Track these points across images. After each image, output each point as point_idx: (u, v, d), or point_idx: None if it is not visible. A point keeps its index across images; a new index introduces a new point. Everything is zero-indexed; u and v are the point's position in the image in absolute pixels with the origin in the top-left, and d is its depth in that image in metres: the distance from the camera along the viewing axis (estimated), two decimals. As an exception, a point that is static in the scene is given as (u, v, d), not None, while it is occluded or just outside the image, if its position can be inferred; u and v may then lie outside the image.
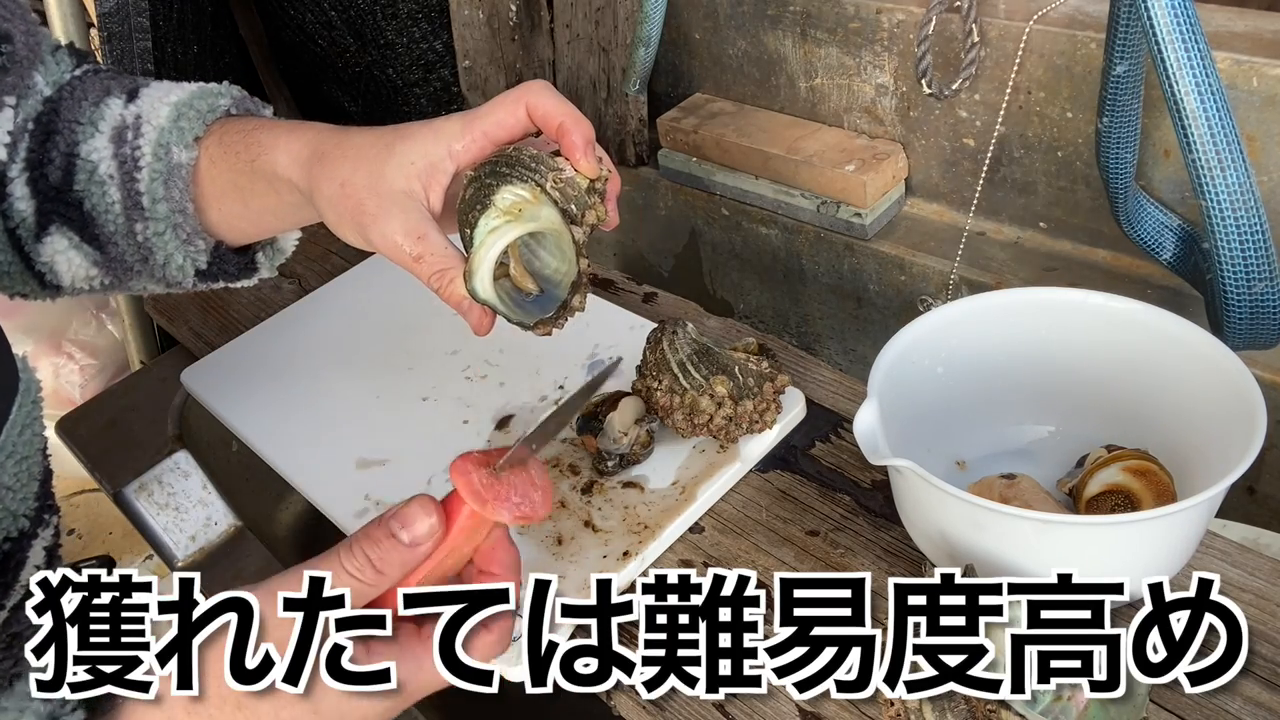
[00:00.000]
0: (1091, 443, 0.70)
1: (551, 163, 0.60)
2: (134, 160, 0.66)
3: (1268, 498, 0.90)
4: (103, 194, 0.67)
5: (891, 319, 1.11)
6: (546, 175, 0.60)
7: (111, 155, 0.67)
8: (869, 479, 0.74)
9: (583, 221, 0.61)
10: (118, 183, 0.67)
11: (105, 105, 0.68)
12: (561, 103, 0.61)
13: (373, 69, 1.49)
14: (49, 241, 0.68)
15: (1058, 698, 0.55)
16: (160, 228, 0.67)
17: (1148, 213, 0.87)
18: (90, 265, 0.70)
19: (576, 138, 0.60)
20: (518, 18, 1.34)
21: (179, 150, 0.66)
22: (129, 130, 0.67)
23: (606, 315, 0.92)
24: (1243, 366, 0.60)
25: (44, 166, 0.67)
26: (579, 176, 0.61)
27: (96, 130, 0.67)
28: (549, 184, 0.60)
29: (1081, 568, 0.58)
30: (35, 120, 0.68)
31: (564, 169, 0.60)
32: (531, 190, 0.60)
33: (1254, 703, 0.56)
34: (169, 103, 0.67)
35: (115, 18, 1.13)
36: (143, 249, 0.69)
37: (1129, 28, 0.74)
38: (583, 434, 0.76)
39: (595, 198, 0.62)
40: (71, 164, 0.67)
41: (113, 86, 0.69)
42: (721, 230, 1.24)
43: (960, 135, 1.01)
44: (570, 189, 0.60)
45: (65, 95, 0.68)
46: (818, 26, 1.06)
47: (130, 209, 0.67)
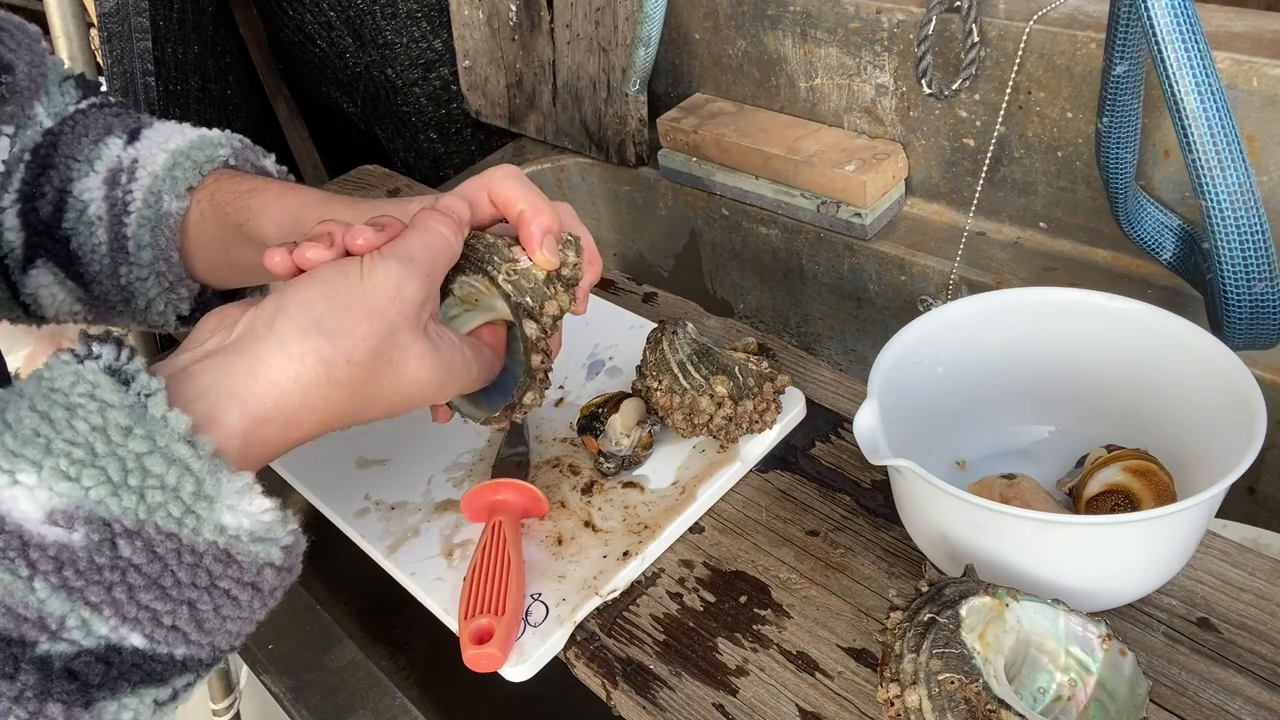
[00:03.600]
0: (1091, 443, 0.70)
1: (506, 253, 0.58)
2: (124, 204, 0.66)
3: (1268, 498, 0.90)
4: (90, 234, 0.67)
5: (891, 319, 1.11)
6: (500, 266, 0.57)
7: (103, 197, 0.66)
8: (869, 479, 0.74)
9: (542, 314, 0.58)
10: (106, 225, 0.67)
11: (104, 144, 0.68)
12: (525, 189, 0.58)
13: (372, 69, 1.49)
14: (34, 275, 0.68)
15: (1058, 698, 0.55)
16: (144, 273, 0.67)
17: (1148, 213, 0.87)
18: (74, 301, 0.70)
19: (534, 228, 0.57)
20: (518, 18, 1.34)
21: (170, 199, 0.65)
22: (124, 174, 0.66)
23: (606, 315, 0.92)
24: (1243, 366, 0.60)
25: (36, 200, 0.67)
26: (535, 268, 0.58)
27: (92, 169, 0.67)
28: (501, 276, 0.57)
29: (1081, 568, 0.58)
30: (33, 151, 0.67)
31: (519, 259, 0.58)
32: (483, 281, 0.58)
33: (1254, 703, 0.56)
34: (167, 150, 0.67)
35: (115, 18, 1.13)
36: (125, 291, 0.68)
37: (1129, 28, 0.74)
38: (583, 435, 0.76)
39: (557, 287, 0.59)
40: (63, 201, 0.67)
41: (114, 125, 0.69)
42: (721, 230, 1.24)
43: (960, 135, 1.01)
44: (525, 280, 0.57)
45: (66, 129, 0.68)
46: (818, 26, 1.06)
47: (116, 252, 0.67)
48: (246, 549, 0.43)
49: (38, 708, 0.39)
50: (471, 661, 0.63)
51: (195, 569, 0.42)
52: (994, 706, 0.49)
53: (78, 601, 0.39)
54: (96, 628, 0.40)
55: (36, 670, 0.39)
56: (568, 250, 0.60)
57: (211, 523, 0.42)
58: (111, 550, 0.40)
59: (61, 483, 0.39)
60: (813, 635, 0.64)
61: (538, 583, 0.69)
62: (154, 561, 0.40)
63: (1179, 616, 0.61)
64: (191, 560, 0.41)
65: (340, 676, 0.73)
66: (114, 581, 0.40)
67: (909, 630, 0.54)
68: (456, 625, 0.66)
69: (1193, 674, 0.58)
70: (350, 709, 0.71)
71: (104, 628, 0.40)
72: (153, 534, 0.40)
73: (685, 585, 0.69)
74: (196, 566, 0.42)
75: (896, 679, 0.52)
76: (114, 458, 0.40)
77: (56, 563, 0.39)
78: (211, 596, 0.42)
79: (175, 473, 0.41)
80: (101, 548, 0.39)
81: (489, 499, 0.72)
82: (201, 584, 0.42)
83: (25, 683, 0.38)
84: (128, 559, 0.40)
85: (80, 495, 0.39)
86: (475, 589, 0.65)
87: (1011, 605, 0.54)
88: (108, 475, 0.40)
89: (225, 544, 0.42)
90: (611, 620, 0.67)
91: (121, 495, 0.40)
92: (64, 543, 0.39)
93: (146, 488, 0.40)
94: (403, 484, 0.79)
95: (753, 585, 0.68)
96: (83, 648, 0.40)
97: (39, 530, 0.39)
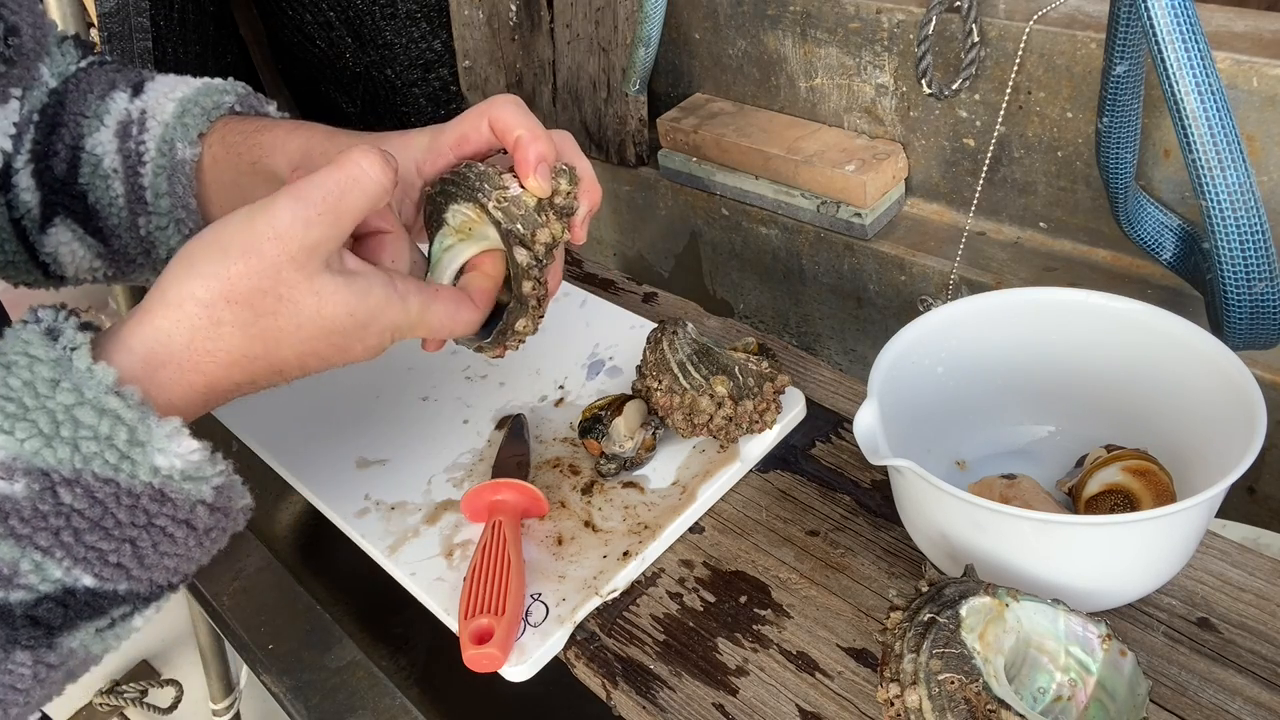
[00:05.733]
0: (1091, 443, 0.70)
1: (497, 180, 0.58)
2: (138, 155, 0.67)
3: (1268, 498, 0.90)
4: (107, 188, 0.68)
5: (891, 319, 1.11)
6: (490, 194, 0.57)
7: (116, 150, 0.67)
8: (869, 479, 0.74)
9: (534, 242, 0.58)
10: (122, 177, 0.67)
11: (111, 99, 0.68)
12: (523, 116, 0.58)
13: (371, 69, 1.49)
14: (53, 233, 0.69)
15: (1058, 698, 0.55)
16: (163, 222, 0.68)
17: (1148, 213, 0.87)
18: (94, 257, 0.71)
19: (529, 153, 0.57)
20: (518, 17, 1.34)
21: (183, 146, 0.66)
22: (134, 125, 0.67)
23: (606, 315, 0.92)
24: (1243, 367, 0.60)
25: (49, 159, 0.67)
26: (526, 195, 0.58)
27: (102, 124, 0.68)
28: (491, 203, 0.57)
29: (1081, 568, 0.58)
30: (40, 112, 0.68)
31: (509, 187, 0.58)
32: (475, 209, 0.58)
33: (1254, 703, 0.56)
34: (174, 99, 0.68)
35: (115, 18, 1.13)
36: (145, 243, 0.69)
37: (1129, 28, 0.74)
38: (585, 438, 0.76)
39: (549, 215, 0.58)
40: (76, 157, 0.67)
41: (118, 80, 0.70)
42: (721, 230, 1.24)
43: (960, 135, 1.01)
44: (516, 208, 0.57)
45: (71, 88, 0.69)
46: (818, 26, 1.06)
47: (134, 203, 0.68)
48: (179, 487, 0.46)
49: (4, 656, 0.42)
50: (471, 661, 0.63)
51: (134, 510, 0.45)
52: (994, 706, 0.49)
53: (27, 547, 0.42)
54: (51, 571, 0.43)
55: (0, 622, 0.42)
56: (560, 179, 0.59)
57: (146, 465, 0.45)
58: (53, 498, 0.42)
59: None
60: (813, 635, 0.64)
61: (538, 583, 0.69)
62: (95, 506, 0.43)
63: (1179, 616, 0.61)
64: (129, 502, 0.44)
65: (340, 676, 0.73)
66: (60, 526, 0.43)
67: (909, 630, 0.54)
68: (456, 625, 0.66)
69: (1193, 674, 0.58)
70: (350, 709, 0.71)
71: (58, 570, 0.43)
72: (90, 481, 0.43)
73: (685, 585, 0.69)
74: (134, 507, 0.45)
75: (896, 679, 0.52)
76: (43, 410, 0.43)
77: (1, 512, 0.42)
78: (149, 534, 0.45)
79: (108, 423, 0.44)
80: (44, 495, 0.42)
81: (489, 499, 0.72)
82: (140, 523, 0.45)
83: None
84: (69, 505, 0.43)
85: (16, 447, 0.42)
86: (475, 589, 0.65)
87: (1011, 605, 0.54)
88: (39, 428, 0.42)
89: (159, 484, 0.45)
90: (611, 620, 0.67)
91: (55, 447, 0.43)
92: (6, 494, 0.42)
93: (80, 439, 0.43)
94: (403, 484, 0.79)
95: (753, 585, 0.68)
96: (41, 594, 0.43)
97: None
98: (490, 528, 0.70)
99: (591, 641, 0.66)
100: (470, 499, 0.72)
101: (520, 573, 0.67)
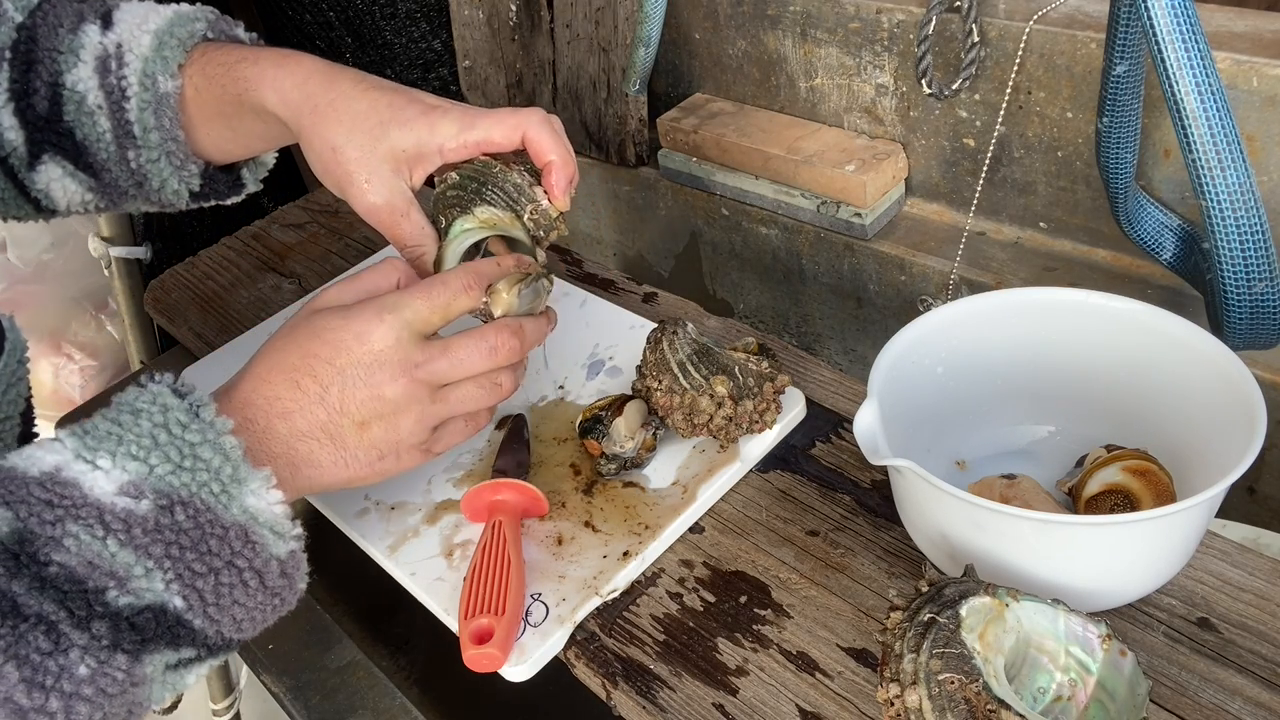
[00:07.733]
0: (1091, 443, 0.70)
1: (531, 193, 0.67)
2: (121, 91, 0.68)
3: (1268, 498, 0.90)
4: (93, 124, 0.69)
5: (891, 319, 1.11)
6: (525, 207, 0.68)
7: (98, 86, 0.68)
8: (869, 479, 0.74)
9: (546, 240, 0.69)
10: (107, 113, 0.68)
11: (82, 32, 0.69)
12: (557, 140, 0.66)
13: (371, 69, 1.49)
14: (43, 170, 0.70)
15: (1058, 698, 0.55)
16: (154, 155, 0.69)
17: (1148, 213, 0.87)
18: (85, 191, 0.72)
19: (561, 178, 0.67)
20: (518, 18, 1.34)
21: (164, 80, 0.68)
22: (112, 60, 0.68)
23: (606, 315, 0.92)
24: (1243, 367, 0.60)
25: (30, 97, 0.68)
26: (551, 208, 0.68)
27: (79, 59, 0.68)
28: (526, 215, 0.68)
29: (1081, 568, 0.58)
30: (12, 49, 0.69)
31: (540, 201, 0.68)
32: (509, 216, 0.68)
33: (1254, 703, 0.56)
34: (148, 30, 0.68)
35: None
36: (136, 175, 0.71)
37: (1129, 28, 0.75)
38: (585, 438, 0.76)
39: (561, 221, 0.69)
40: (58, 94, 0.68)
41: (85, 11, 0.70)
42: (721, 230, 1.24)
43: (960, 135, 1.01)
44: (543, 220, 0.68)
45: (39, 21, 0.69)
46: (818, 26, 1.06)
47: (122, 138, 0.69)
48: (261, 533, 0.52)
49: (107, 657, 0.47)
50: (471, 661, 0.63)
51: (222, 540, 0.51)
52: (994, 706, 0.49)
53: (143, 556, 0.48)
54: (155, 583, 0.48)
55: (108, 621, 0.47)
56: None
57: (239, 502, 0.51)
58: (170, 515, 0.49)
59: (131, 463, 0.49)
60: (813, 635, 0.64)
61: (538, 583, 0.69)
62: (197, 528, 0.50)
63: (1179, 616, 0.61)
64: (220, 533, 0.50)
65: (340, 676, 0.73)
66: (170, 540, 0.49)
67: (909, 630, 0.54)
68: (456, 625, 0.66)
69: (1193, 674, 0.58)
70: (350, 709, 0.71)
71: (160, 583, 0.49)
72: (199, 505, 0.50)
73: (685, 585, 0.69)
74: (223, 539, 0.51)
75: (896, 679, 0.52)
76: (174, 445, 0.50)
77: (126, 524, 0.48)
78: (229, 573, 0.51)
79: (219, 459, 0.51)
80: (164, 512, 0.49)
81: (489, 499, 0.72)
82: (224, 556, 0.51)
83: (97, 631, 0.46)
84: (180, 523, 0.49)
85: (146, 472, 0.49)
86: (475, 589, 0.65)
87: (1011, 605, 0.54)
88: (168, 456, 0.50)
89: (246, 523, 0.51)
90: (611, 620, 0.67)
91: (179, 474, 0.50)
92: (132, 509, 0.48)
93: (197, 469, 0.50)
94: (403, 484, 0.79)
95: (753, 585, 0.68)
96: (143, 604, 0.48)
97: (112, 500, 0.48)
98: (490, 528, 0.70)
99: (591, 641, 0.66)
100: (470, 499, 0.72)
101: (520, 573, 0.67)
